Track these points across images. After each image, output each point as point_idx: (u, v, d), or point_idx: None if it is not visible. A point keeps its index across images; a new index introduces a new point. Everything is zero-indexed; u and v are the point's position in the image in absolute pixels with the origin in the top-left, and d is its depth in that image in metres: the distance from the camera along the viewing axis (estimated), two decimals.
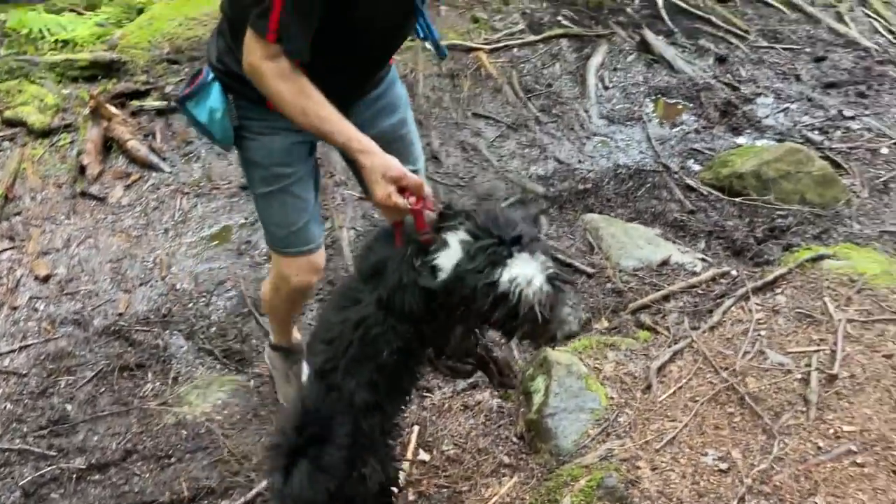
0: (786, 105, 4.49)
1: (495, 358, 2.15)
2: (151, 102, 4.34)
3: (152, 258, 3.48)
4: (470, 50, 4.82)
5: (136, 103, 4.34)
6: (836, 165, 3.97)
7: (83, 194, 3.78)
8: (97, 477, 2.57)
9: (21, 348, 3.05)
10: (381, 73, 2.20)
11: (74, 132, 4.10)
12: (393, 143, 2.21)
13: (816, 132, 4.26)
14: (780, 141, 4.12)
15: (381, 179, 1.77)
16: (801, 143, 4.09)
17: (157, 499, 2.47)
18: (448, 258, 1.62)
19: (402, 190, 1.76)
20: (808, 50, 4.97)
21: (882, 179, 3.88)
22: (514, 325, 1.62)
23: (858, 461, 2.39)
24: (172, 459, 2.60)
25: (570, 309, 1.73)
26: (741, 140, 4.27)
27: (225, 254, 3.50)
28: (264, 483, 2.47)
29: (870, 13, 5.31)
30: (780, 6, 5.39)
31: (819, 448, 2.44)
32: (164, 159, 3.99)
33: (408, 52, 4.50)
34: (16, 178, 3.81)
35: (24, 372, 2.95)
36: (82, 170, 3.87)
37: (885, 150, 4.08)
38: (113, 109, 4.15)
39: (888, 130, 4.21)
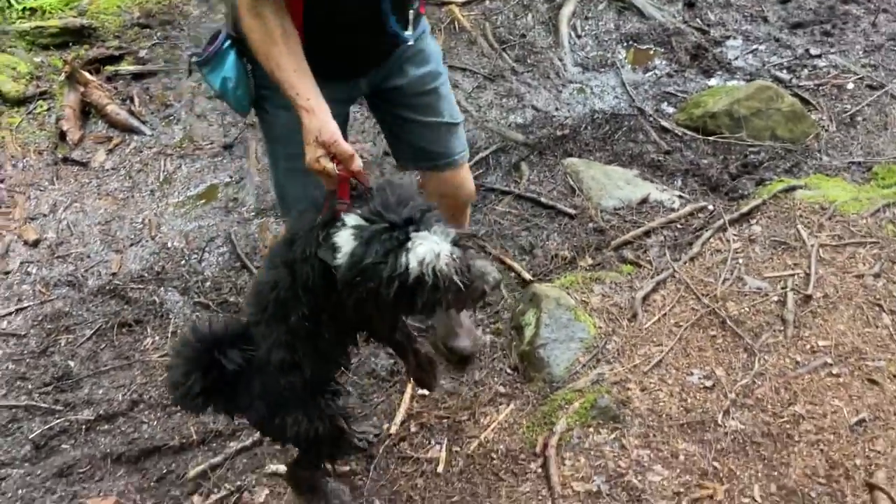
0: (754, 46, 4.58)
1: (417, 350, 2.05)
2: (126, 67, 4.32)
3: (141, 219, 3.50)
4: (442, 4, 4.83)
5: (110, 69, 4.32)
6: (805, 102, 4.08)
7: (65, 160, 3.78)
8: (106, 427, 2.63)
9: (17, 311, 3.08)
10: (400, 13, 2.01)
11: (51, 99, 4.08)
12: (423, 94, 2.22)
13: (785, 71, 4.36)
14: (750, 81, 4.22)
15: (312, 141, 1.71)
16: (771, 82, 4.19)
17: (167, 443, 2.55)
18: (344, 239, 1.55)
19: (334, 157, 1.68)
20: None
21: (849, 113, 4.00)
22: (437, 301, 1.55)
23: (834, 372, 2.54)
24: (178, 407, 2.66)
25: (483, 262, 1.63)
26: (713, 82, 4.35)
27: (213, 211, 3.54)
28: None
29: None
30: None
31: (797, 363, 2.59)
32: (144, 122, 3.99)
33: None
34: None
35: (22, 333, 2.98)
36: (62, 136, 3.86)
37: (850, 86, 4.19)
38: (88, 75, 4.13)
39: (853, 67, 4.32)
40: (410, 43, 2.06)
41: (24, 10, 4.59)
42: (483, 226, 3.42)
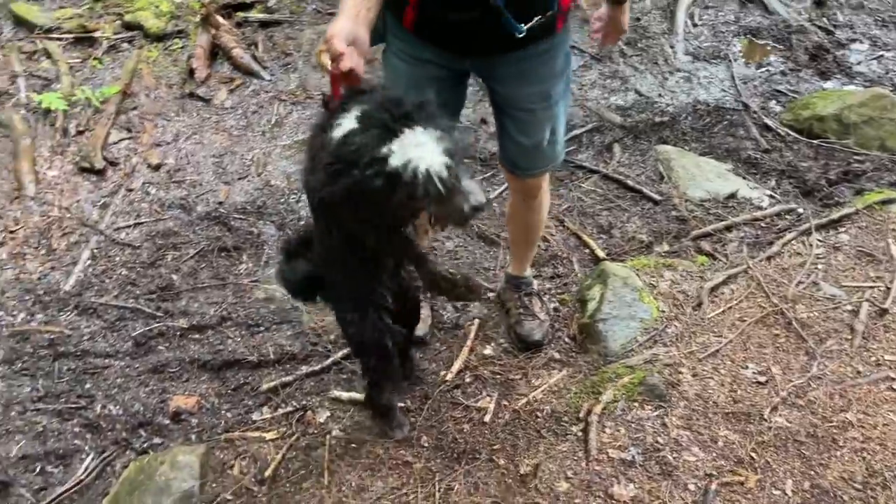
0: (880, 53, 4.40)
1: (430, 269, 1.98)
2: (255, 15, 4.61)
3: (250, 156, 3.79)
4: None
5: (240, 15, 4.62)
6: None
7: (191, 95, 4.11)
8: (197, 336, 2.93)
9: (135, 224, 3.43)
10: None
11: (185, 38, 4.43)
12: (521, 111, 2.24)
13: None
14: (868, 88, 4.07)
15: (324, 38, 1.71)
16: (891, 91, 4.03)
17: (246, 358, 2.82)
18: (346, 122, 1.56)
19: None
20: None
21: None
22: (417, 204, 1.56)
23: (895, 387, 2.51)
24: (261, 328, 2.93)
25: (473, 182, 1.52)
26: (828, 85, 4.23)
27: None
28: (339, 354, 2.80)
29: None
30: None
31: (858, 372, 2.58)
32: (264, 68, 4.27)
33: None
34: (133, 77, 4.17)
35: (137, 245, 3.33)
36: (191, 73, 4.19)
37: None
38: (220, 19, 4.44)
39: None
40: (519, 36, 1.99)
41: None
42: (566, 201, 3.51)
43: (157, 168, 3.71)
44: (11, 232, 3.36)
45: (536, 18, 1.99)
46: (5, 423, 2.67)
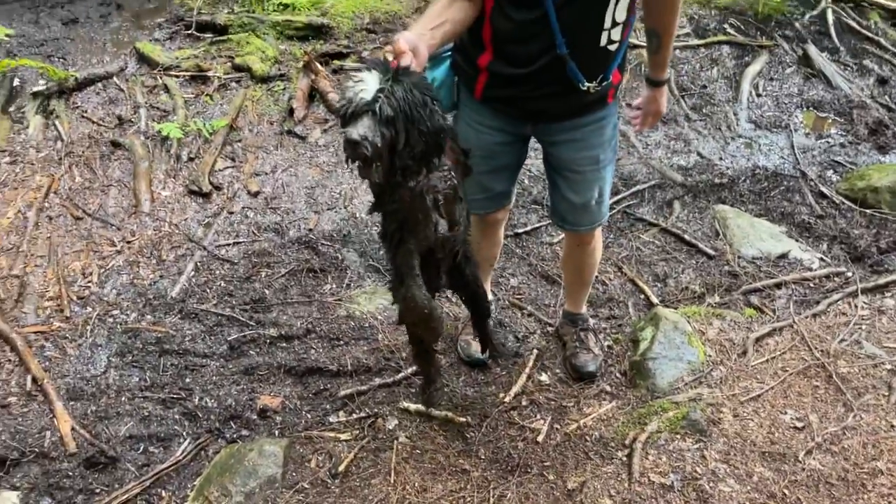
0: None
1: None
2: (350, 63, 5.07)
3: (339, 190, 4.19)
4: (634, 47, 5.20)
5: (337, 63, 5.09)
6: None
7: (289, 132, 4.56)
8: (284, 344, 3.28)
9: (234, 243, 3.84)
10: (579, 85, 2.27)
11: (287, 81, 4.90)
12: (573, 173, 2.53)
13: None
14: None
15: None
16: None
17: (327, 367, 3.14)
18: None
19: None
20: None
21: None
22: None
23: None
24: (341, 342, 3.26)
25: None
26: (887, 159, 4.41)
27: None
28: (410, 370, 3.10)
29: None
30: None
31: (892, 426, 2.75)
32: None
33: None
34: (239, 113, 4.65)
35: (235, 261, 3.73)
36: (291, 112, 4.65)
37: None
38: (319, 66, 4.92)
39: None
40: (585, 89, 2.26)
41: (278, 5, 5.51)
42: (625, 249, 3.78)
43: (255, 195, 4.14)
44: (129, 242, 3.81)
45: (593, 83, 2.29)
46: (116, 406, 3.05)
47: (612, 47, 2.28)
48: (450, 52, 2.43)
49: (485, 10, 2.22)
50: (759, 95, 4.92)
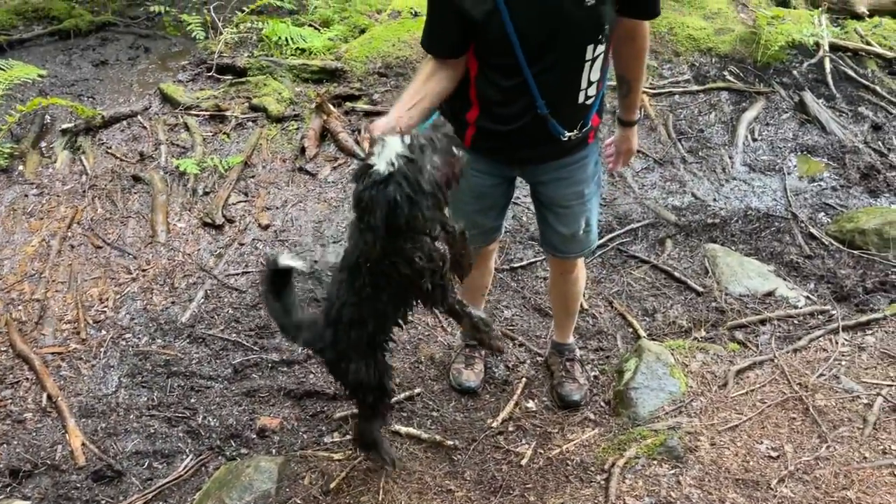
0: None
1: (469, 313, 2.29)
2: (361, 105, 5.32)
3: (345, 225, 4.39)
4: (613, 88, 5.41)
5: (349, 105, 5.34)
6: None
7: (300, 169, 4.79)
8: (285, 369, 3.45)
9: (243, 273, 4.04)
10: (566, 120, 2.43)
11: (300, 121, 5.16)
12: (562, 207, 2.70)
13: None
14: None
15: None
16: None
17: (324, 390, 3.30)
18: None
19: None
20: None
21: None
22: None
23: None
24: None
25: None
26: (877, 202, 4.54)
27: None
28: (402, 396, 3.25)
29: None
30: None
31: (864, 457, 2.84)
32: (364, 151, 4.94)
33: None
34: (254, 150, 4.90)
35: (243, 290, 3.92)
36: (303, 150, 4.89)
37: None
38: (331, 107, 5.17)
39: None
40: (566, 139, 2.44)
41: (296, 49, 5.80)
42: (616, 285, 3.92)
43: (265, 228, 4.35)
44: (144, 270, 4.02)
45: (573, 132, 2.48)
46: (124, 423, 3.22)
47: (590, 101, 2.47)
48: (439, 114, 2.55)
49: (469, 74, 2.40)
50: (754, 140, 5.09)
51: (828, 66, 5.68)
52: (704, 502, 2.67)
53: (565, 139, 2.47)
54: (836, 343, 3.39)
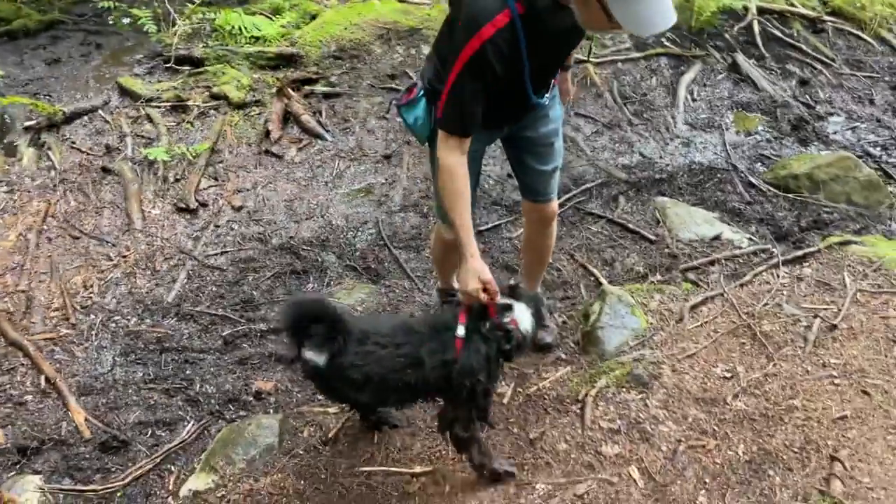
0: (855, 124, 5.09)
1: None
2: (320, 88, 5.49)
3: (315, 201, 4.57)
4: (580, 62, 5.69)
5: (307, 88, 5.50)
6: (888, 176, 4.56)
7: (266, 152, 4.94)
8: (273, 336, 3.64)
9: (222, 253, 4.20)
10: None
11: (262, 106, 5.30)
12: (543, 146, 2.94)
13: (878, 148, 4.85)
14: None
15: (475, 277, 2.48)
16: (861, 156, 4.70)
17: None
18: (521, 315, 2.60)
19: (485, 289, 2.50)
20: (887, 78, 5.53)
21: None
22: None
23: (836, 382, 3.12)
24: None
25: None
26: (807, 150, 4.91)
27: (368, 203, 4.56)
28: None
29: None
30: (869, 39, 5.95)
31: (807, 371, 3.18)
32: (327, 131, 5.11)
33: None
34: (219, 137, 5.03)
35: (223, 268, 4.09)
36: (267, 134, 5.04)
37: None
38: (291, 91, 5.33)
39: None
40: (545, 103, 2.78)
41: (251, 37, 5.92)
42: (577, 240, 4.21)
43: (238, 209, 4.51)
44: (124, 256, 4.15)
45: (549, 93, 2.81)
46: (124, 397, 3.38)
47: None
48: (422, 94, 2.73)
49: None
50: (694, 100, 5.42)
51: (756, 28, 6.06)
52: (670, 420, 2.97)
53: (545, 103, 2.79)
54: (777, 276, 3.73)
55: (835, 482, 2.61)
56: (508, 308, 2.59)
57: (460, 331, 2.51)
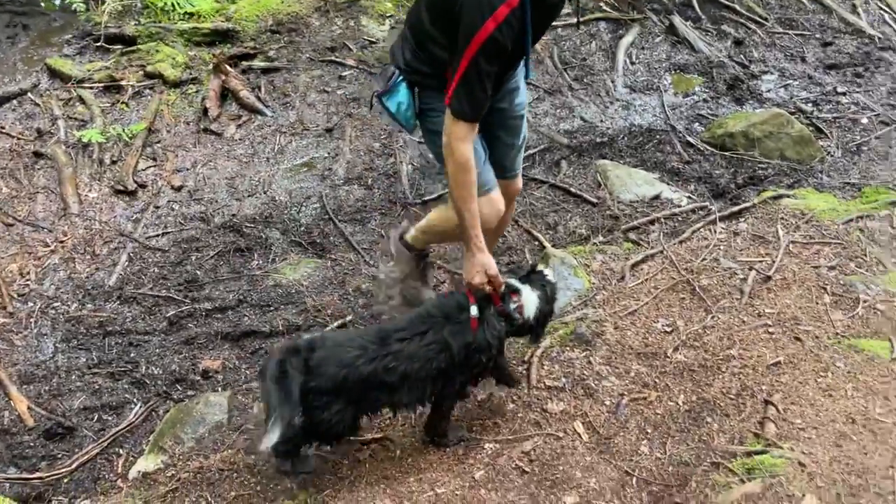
0: (788, 81, 5.21)
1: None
2: (258, 63, 5.39)
3: (257, 178, 4.52)
4: None
5: (245, 63, 5.40)
6: (819, 130, 4.70)
7: (206, 130, 4.86)
8: (219, 315, 3.61)
9: (163, 234, 4.13)
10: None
11: (199, 84, 5.19)
12: (515, 118, 2.93)
13: (810, 104, 4.98)
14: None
15: (481, 270, 2.55)
16: (794, 112, 4.82)
17: (260, 329, 3.50)
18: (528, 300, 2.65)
19: (489, 281, 2.58)
20: (818, 36, 5.66)
21: (856, 143, 4.59)
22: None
23: (770, 330, 3.22)
24: (271, 307, 3.62)
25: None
26: (743, 109, 5.02)
27: (312, 177, 4.53)
28: (335, 325, 3.48)
29: (882, 5, 5.93)
30: None
31: (743, 321, 3.28)
32: (267, 107, 5.04)
33: None
34: (156, 116, 4.92)
35: (165, 249, 4.03)
36: (205, 112, 4.95)
37: (864, 120, 4.78)
38: (228, 67, 5.22)
39: (873, 104, 4.90)
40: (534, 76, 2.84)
41: (184, 13, 5.77)
42: (520, 206, 4.24)
43: (179, 189, 4.43)
44: (61, 242, 4.05)
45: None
46: (67, 384, 3.33)
47: None
48: (400, 78, 2.66)
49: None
50: (633, 63, 5.48)
51: None
52: (613, 375, 3.05)
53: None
54: (715, 232, 3.83)
55: (769, 425, 2.70)
56: (516, 291, 2.66)
57: (473, 311, 2.56)
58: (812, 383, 2.91)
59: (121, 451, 3.04)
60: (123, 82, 5.18)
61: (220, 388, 3.26)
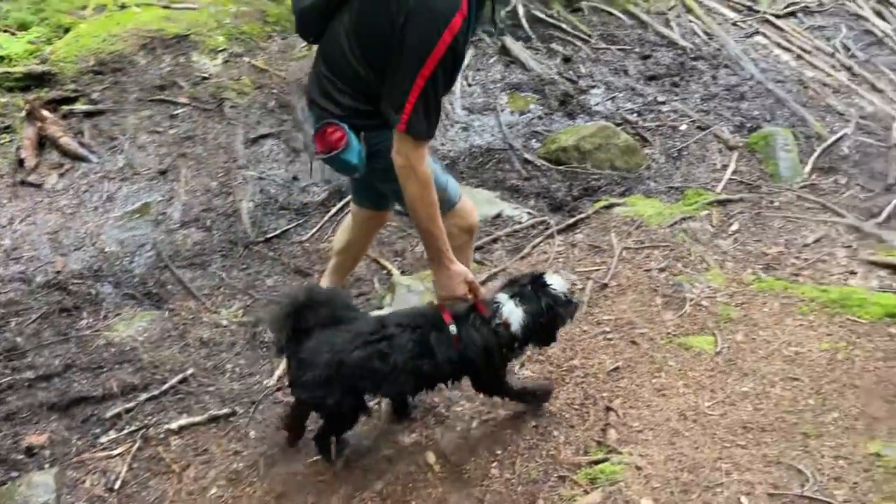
0: (613, 94, 5.49)
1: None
2: (80, 106, 5.07)
3: (84, 230, 4.23)
4: None
5: (66, 108, 5.06)
6: (644, 139, 4.97)
7: (23, 183, 4.50)
8: (44, 384, 3.31)
9: None
10: None
11: (12, 132, 4.81)
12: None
13: (634, 114, 5.26)
14: (605, 123, 5.10)
15: (461, 282, 2.54)
16: (620, 123, 5.09)
17: (91, 394, 3.24)
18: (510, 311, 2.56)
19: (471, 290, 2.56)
20: (637, 50, 6.01)
21: (677, 149, 4.90)
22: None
23: (609, 337, 3.34)
24: (104, 369, 3.37)
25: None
26: (575, 123, 5.23)
27: (145, 224, 4.29)
28: (175, 380, 3.29)
29: (692, 19, 6.39)
30: (620, 14, 6.44)
31: (584, 331, 3.38)
32: (92, 152, 4.74)
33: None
34: None
35: None
36: (21, 163, 4.59)
37: (683, 127, 5.11)
38: (46, 113, 4.87)
39: (689, 111, 5.25)
40: None
41: None
42: None
43: None
44: None
45: None
46: None
47: None
48: (347, 126, 2.45)
49: None
50: (469, 85, 5.60)
51: (521, 10, 6.37)
52: (463, 399, 3.06)
53: None
54: (553, 245, 3.95)
55: (610, 431, 2.80)
56: (496, 304, 2.59)
57: (453, 329, 2.54)
58: (648, 385, 3.04)
59: None
60: None
61: (47, 465, 2.98)
